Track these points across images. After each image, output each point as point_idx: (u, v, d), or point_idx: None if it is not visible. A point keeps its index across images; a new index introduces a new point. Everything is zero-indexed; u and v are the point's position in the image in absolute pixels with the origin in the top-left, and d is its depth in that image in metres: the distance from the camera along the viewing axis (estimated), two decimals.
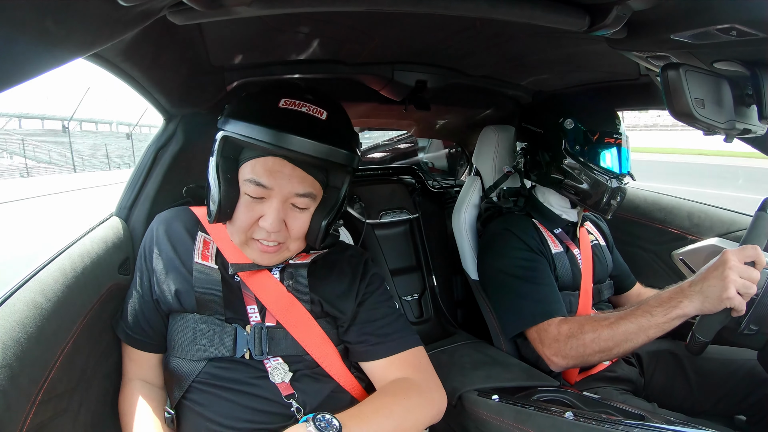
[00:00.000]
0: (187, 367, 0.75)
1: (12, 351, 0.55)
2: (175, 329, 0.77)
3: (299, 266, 0.80)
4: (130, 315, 0.79)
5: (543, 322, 0.99)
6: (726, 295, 0.78)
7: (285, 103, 0.69)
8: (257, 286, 0.78)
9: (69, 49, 0.39)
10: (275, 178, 0.70)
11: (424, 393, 0.76)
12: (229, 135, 0.69)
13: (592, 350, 0.91)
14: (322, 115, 0.70)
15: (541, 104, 1.23)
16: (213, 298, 0.76)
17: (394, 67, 1.16)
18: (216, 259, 0.79)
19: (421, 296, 1.49)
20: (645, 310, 0.87)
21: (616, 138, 1.07)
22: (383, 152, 2.65)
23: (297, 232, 0.74)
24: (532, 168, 1.16)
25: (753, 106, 0.66)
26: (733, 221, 1.25)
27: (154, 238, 0.81)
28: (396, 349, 0.80)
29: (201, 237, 0.81)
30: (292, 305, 0.77)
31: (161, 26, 0.53)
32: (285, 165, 0.70)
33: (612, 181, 1.05)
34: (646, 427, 0.69)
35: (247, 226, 0.72)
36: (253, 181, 0.70)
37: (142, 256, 0.81)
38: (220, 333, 0.75)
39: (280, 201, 0.71)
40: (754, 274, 0.79)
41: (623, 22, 0.60)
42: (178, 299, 0.76)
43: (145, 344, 0.79)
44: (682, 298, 0.84)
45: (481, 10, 0.58)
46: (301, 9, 0.57)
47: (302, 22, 0.84)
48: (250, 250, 0.75)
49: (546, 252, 1.10)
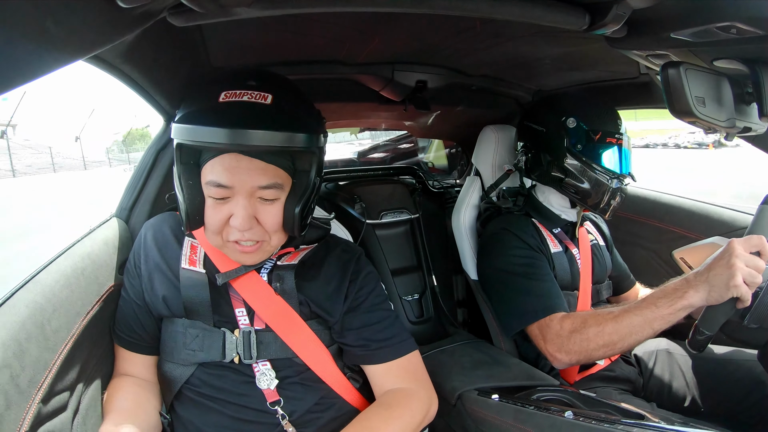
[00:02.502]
0: (177, 372, 0.75)
1: (12, 351, 0.55)
2: (166, 334, 0.77)
3: (286, 267, 0.79)
4: (123, 318, 0.79)
5: (545, 318, 0.97)
6: (733, 282, 0.76)
7: (225, 96, 0.65)
8: (245, 289, 0.77)
9: (69, 51, 0.39)
10: (234, 174, 0.66)
11: (422, 400, 0.78)
12: (179, 142, 0.66)
13: (596, 345, 0.89)
14: (267, 100, 0.65)
15: (543, 103, 1.22)
16: (200, 303, 0.75)
17: (394, 68, 1.16)
18: (204, 263, 0.78)
19: (421, 296, 1.49)
20: (650, 302, 0.86)
21: (618, 138, 1.06)
22: (383, 152, 2.65)
23: (271, 225, 0.70)
24: (533, 166, 1.16)
25: (753, 104, 0.66)
26: (733, 220, 1.25)
27: (143, 244, 0.80)
28: (395, 355, 0.80)
29: (188, 242, 0.80)
30: (281, 308, 0.76)
31: (161, 28, 0.53)
32: (241, 159, 0.66)
33: (613, 181, 1.05)
34: (646, 427, 0.68)
35: (219, 229, 0.70)
36: (212, 182, 0.67)
37: (132, 262, 0.80)
38: (209, 338, 0.74)
39: (245, 197, 0.68)
40: (760, 263, 0.78)
41: (623, 21, 0.60)
42: (166, 305, 0.76)
43: (140, 347, 0.79)
44: (688, 289, 0.82)
45: (482, 10, 0.58)
46: (301, 10, 0.57)
47: (302, 22, 0.84)
48: (230, 252, 0.73)
49: (545, 250, 1.10)
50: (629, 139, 1.09)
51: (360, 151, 2.72)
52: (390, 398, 0.77)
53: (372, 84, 1.23)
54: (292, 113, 0.68)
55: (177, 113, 0.69)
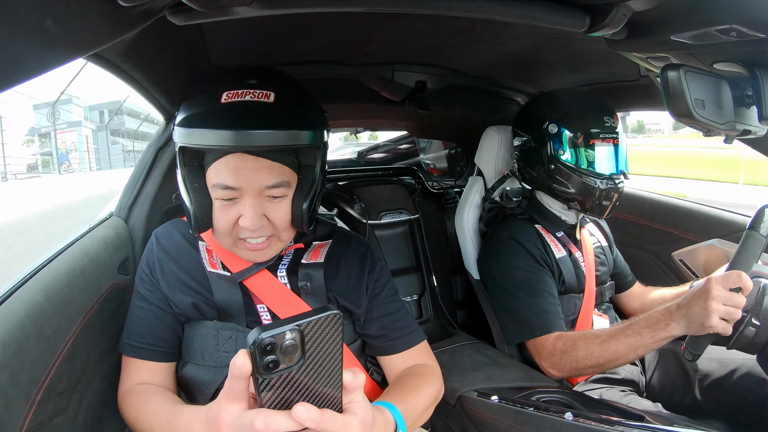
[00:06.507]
0: (208, 375, 0.73)
1: (11, 350, 0.55)
2: (193, 337, 0.75)
3: (314, 266, 0.79)
4: (144, 328, 0.74)
5: (540, 337, 1.01)
6: (708, 323, 0.79)
7: (227, 97, 0.64)
8: (259, 288, 0.76)
9: (69, 49, 0.39)
10: (240, 175, 0.66)
11: (438, 374, 0.82)
12: (183, 145, 0.65)
13: (585, 365, 0.94)
14: (270, 98, 0.65)
15: (527, 109, 1.22)
16: (233, 305, 0.74)
17: (394, 68, 1.16)
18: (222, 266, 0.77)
19: (420, 297, 1.49)
20: (635, 330, 0.89)
21: (604, 137, 1.06)
22: (383, 153, 2.65)
23: (281, 222, 0.70)
24: (524, 172, 1.17)
25: (753, 107, 0.66)
26: (732, 222, 1.25)
27: (155, 253, 0.78)
28: (413, 342, 0.83)
29: (203, 245, 0.79)
30: (296, 304, 0.76)
31: (161, 26, 0.53)
32: (247, 159, 0.65)
33: (600, 183, 1.05)
34: (646, 428, 0.69)
35: (229, 230, 0.69)
36: (219, 185, 0.66)
37: (144, 270, 0.77)
38: (244, 339, 0.73)
39: (253, 197, 0.67)
40: (738, 300, 0.79)
41: (623, 23, 0.60)
42: (196, 310, 0.74)
43: (166, 354, 0.75)
44: (670, 321, 0.86)
45: (482, 11, 0.58)
46: (302, 9, 0.57)
47: (302, 22, 0.84)
48: (240, 251, 0.73)
49: (550, 261, 1.10)
50: (620, 135, 1.08)
51: (360, 151, 2.72)
52: (416, 370, 0.80)
53: (372, 84, 1.23)
54: (295, 111, 0.68)
55: (177, 114, 0.68)
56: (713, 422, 1.00)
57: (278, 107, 0.65)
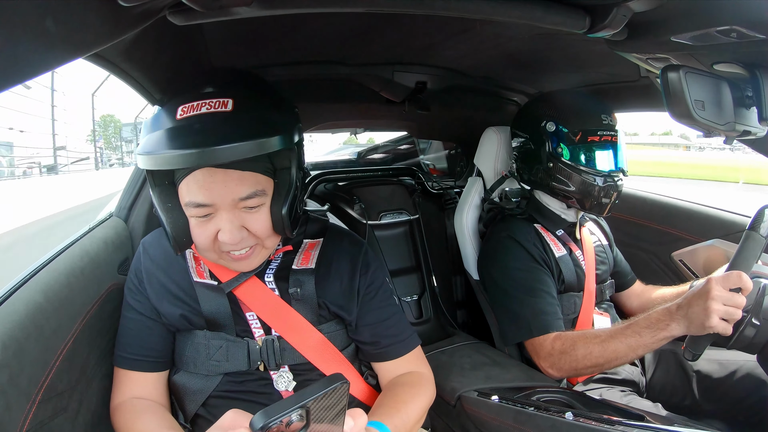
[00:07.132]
0: (201, 383, 0.74)
1: (12, 350, 0.55)
2: (184, 346, 0.75)
3: (304, 272, 0.77)
4: (135, 339, 0.74)
5: (539, 337, 1.01)
6: (708, 323, 0.79)
7: (183, 111, 0.61)
8: (248, 296, 0.75)
9: (69, 49, 0.39)
10: (211, 190, 0.62)
11: (430, 381, 0.83)
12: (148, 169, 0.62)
13: (584, 365, 0.94)
14: (228, 106, 0.60)
15: (525, 109, 1.22)
16: (222, 315, 0.73)
17: (394, 68, 1.16)
18: (210, 274, 0.75)
19: (420, 297, 1.49)
20: (634, 330, 0.89)
21: (602, 135, 1.06)
22: (383, 153, 2.65)
23: (261, 231, 0.67)
24: (523, 172, 1.18)
25: (753, 108, 0.66)
26: (733, 222, 1.25)
27: (142, 263, 0.77)
28: (405, 350, 0.82)
29: (190, 254, 0.77)
30: (285, 312, 0.75)
31: (162, 26, 0.53)
32: (215, 173, 0.62)
33: (599, 180, 1.05)
34: (646, 428, 0.69)
35: (210, 246, 0.67)
36: (191, 203, 0.64)
37: (133, 280, 0.77)
38: (233, 348, 0.73)
39: (229, 210, 0.64)
40: (738, 300, 0.79)
41: (623, 24, 0.60)
42: (185, 320, 0.74)
43: (158, 364, 0.75)
44: (670, 321, 0.86)
45: (482, 12, 0.58)
46: (302, 10, 0.57)
47: (302, 23, 0.84)
48: (226, 263, 0.71)
49: (549, 260, 1.10)
50: (619, 133, 1.08)
51: (360, 151, 2.72)
52: (408, 378, 0.80)
53: (372, 85, 1.23)
54: (257, 116, 0.63)
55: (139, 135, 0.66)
56: (713, 422, 1.00)
57: (238, 116, 0.61)
